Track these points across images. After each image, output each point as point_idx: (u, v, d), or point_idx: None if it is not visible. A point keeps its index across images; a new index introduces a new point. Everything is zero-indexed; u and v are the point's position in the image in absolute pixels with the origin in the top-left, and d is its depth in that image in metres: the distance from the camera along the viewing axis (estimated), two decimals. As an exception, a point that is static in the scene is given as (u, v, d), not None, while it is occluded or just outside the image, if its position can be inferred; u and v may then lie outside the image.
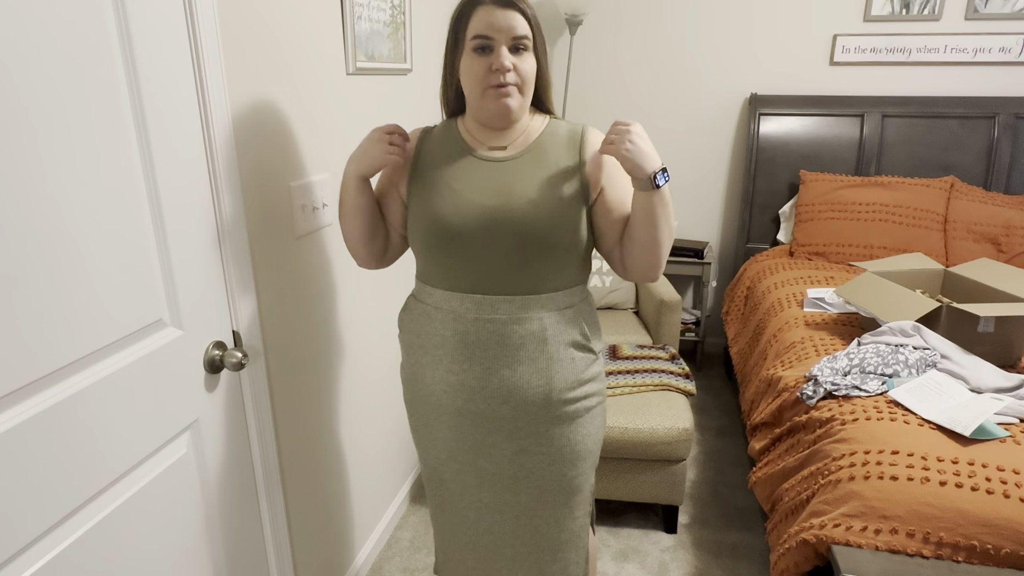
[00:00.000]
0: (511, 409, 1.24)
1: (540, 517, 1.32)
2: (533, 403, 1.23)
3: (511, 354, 1.21)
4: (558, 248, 1.19)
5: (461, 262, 1.20)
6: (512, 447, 1.27)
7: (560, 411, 1.25)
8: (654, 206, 1.16)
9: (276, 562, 1.48)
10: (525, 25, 1.15)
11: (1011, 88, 3.00)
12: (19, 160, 0.83)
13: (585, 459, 1.31)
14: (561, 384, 1.24)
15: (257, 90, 1.32)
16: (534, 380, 1.22)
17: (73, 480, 0.94)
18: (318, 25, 1.53)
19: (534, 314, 1.21)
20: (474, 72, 1.16)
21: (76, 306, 0.92)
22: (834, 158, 3.11)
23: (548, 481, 1.29)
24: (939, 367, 1.71)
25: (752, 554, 2.09)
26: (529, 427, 1.25)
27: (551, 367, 1.23)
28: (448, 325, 1.23)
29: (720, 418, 2.94)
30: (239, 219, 1.26)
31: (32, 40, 0.83)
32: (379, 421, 2.05)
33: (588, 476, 1.34)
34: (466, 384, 1.24)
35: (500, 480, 1.29)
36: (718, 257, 3.50)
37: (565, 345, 1.24)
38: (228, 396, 1.28)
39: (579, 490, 1.33)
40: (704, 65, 3.23)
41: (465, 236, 1.18)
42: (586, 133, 1.25)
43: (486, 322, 1.21)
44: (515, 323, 1.20)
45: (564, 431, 1.27)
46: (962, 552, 1.27)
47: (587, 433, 1.30)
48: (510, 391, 1.23)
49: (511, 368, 1.22)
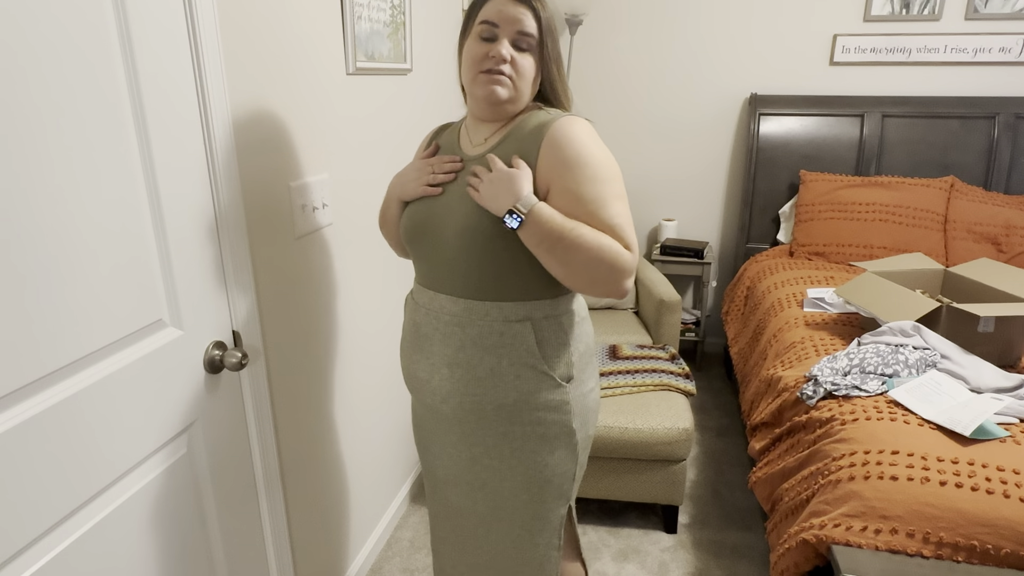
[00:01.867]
0: (451, 410, 1.22)
1: (496, 532, 1.29)
2: (469, 411, 1.20)
3: (451, 355, 1.19)
4: (500, 251, 1.13)
5: (419, 258, 1.24)
6: (467, 453, 1.25)
7: (504, 428, 1.20)
8: (530, 244, 1.09)
9: (276, 562, 1.48)
10: (533, 24, 1.13)
11: (1011, 88, 3.00)
12: (19, 161, 0.83)
13: (544, 487, 1.24)
14: (499, 399, 1.18)
15: (257, 90, 1.32)
16: (471, 387, 1.18)
17: (73, 480, 0.94)
18: (318, 25, 1.53)
19: (477, 320, 1.16)
20: (472, 55, 1.14)
21: (76, 306, 0.92)
22: (834, 158, 3.11)
23: (503, 498, 1.25)
24: (939, 367, 1.71)
25: (752, 554, 2.09)
26: (476, 435, 1.22)
27: (490, 379, 1.17)
28: (411, 315, 1.27)
29: (720, 418, 2.94)
30: (239, 219, 1.26)
31: (32, 39, 0.83)
32: (379, 421, 2.05)
33: (552, 507, 1.27)
34: (418, 375, 1.26)
35: (460, 485, 1.29)
36: (718, 257, 3.50)
37: (510, 360, 1.17)
38: (228, 396, 1.28)
39: (539, 517, 1.26)
40: (704, 65, 3.23)
41: (428, 235, 1.20)
42: (552, 124, 1.12)
43: (433, 316, 1.21)
44: (457, 325, 1.18)
45: (516, 449, 1.21)
46: (962, 552, 1.27)
47: (543, 462, 1.22)
48: (448, 392, 1.21)
49: (450, 368, 1.19)
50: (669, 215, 3.49)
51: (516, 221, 1.08)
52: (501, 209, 1.09)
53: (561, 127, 1.11)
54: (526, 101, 1.19)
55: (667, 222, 3.36)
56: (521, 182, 1.09)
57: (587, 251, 1.07)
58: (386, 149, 1.95)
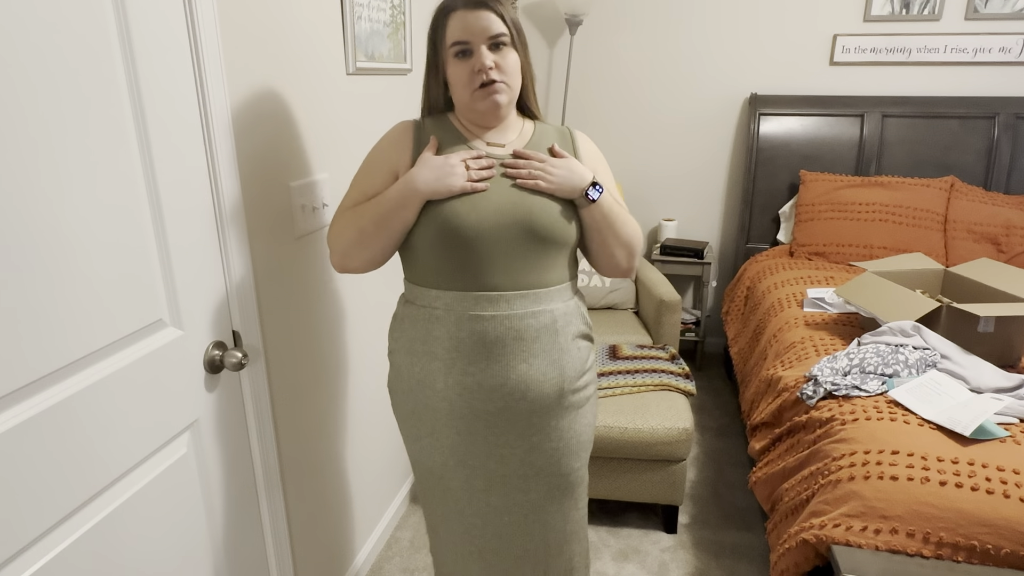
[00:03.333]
0: (529, 404, 1.25)
1: (549, 512, 1.34)
2: (549, 395, 1.26)
3: (527, 348, 1.23)
4: (566, 242, 1.24)
5: (474, 260, 1.18)
6: (524, 445, 1.28)
7: (569, 401, 1.29)
8: (595, 219, 1.24)
9: (276, 562, 1.48)
10: (500, 23, 1.17)
11: (1011, 88, 3.00)
12: (18, 162, 0.83)
13: (586, 448, 1.37)
14: (571, 373, 1.28)
15: (257, 90, 1.32)
16: (550, 372, 1.25)
17: (73, 480, 0.94)
18: (318, 25, 1.53)
19: (546, 307, 1.24)
20: (459, 77, 1.18)
21: (76, 306, 0.92)
22: (834, 158, 3.11)
23: (556, 476, 1.32)
24: (939, 367, 1.71)
25: (752, 554, 2.09)
26: (542, 422, 1.27)
27: (563, 358, 1.27)
28: (463, 326, 1.20)
29: (720, 418, 2.94)
30: (239, 219, 1.26)
31: (31, 41, 0.83)
32: (380, 421, 2.05)
33: (586, 466, 1.41)
34: (483, 384, 1.22)
35: (510, 480, 1.30)
36: (718, 257, 3.50)
37: (572, 335, 1.29)
38: (228, 396, 1.28)
39: (582, 481, 1.38)
40: (704, 65, 3.23)
41: (479, 233, 1.16)
42: (574, 134, 1.34)
43: (504, 318, 1.20)
44: (530, 317, 1.22)
45: (570, 422, 1.31)
46: (962, 552, 1.27)
47: (588, 422, 1.36)
48: (528, 385, 1.24)
49: (528, 362, 1.23)
50: (669, 215, 3.49)
51: (598, 192, 1.22)
52: (579, 186, 1.21)
53: (583, 136, 1.35)
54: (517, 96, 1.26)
55: (667, 222, 3.35)
56: (580, 163, 1.25)
57: (632, 224, 1.28)
58: (386, 149, 1.95)
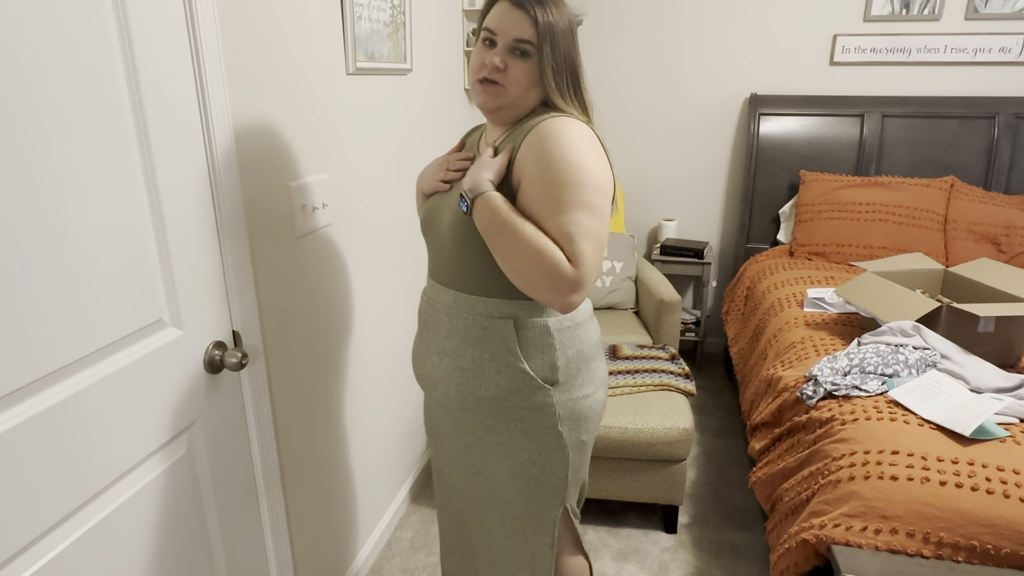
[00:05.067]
0: (440, 397, 1.27)
1: (491, 520, 1.31)
2: (455, 399, 1.24)
3: (440, 343, 1.25)
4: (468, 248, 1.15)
5: (428, 249, 1.30)
6: (461, 440, 1.28)
7: (488, 420, 1.21)
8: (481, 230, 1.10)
9: (276, 562, 1.48)
10: (530, 30, 1.10)
11: (1011, 88, 3.00)
12: (20, 162, 0.83)
13: (534, 486, 1.24)
14: (480, 392, 1.19)
15: (257, 90, 1.32)
16: (455, 376, 1.22)
17: (72, 481, 0.94)
18: (318, 25, 1.53)
19: (463, 311, 1.20)
20: (473, 61, 1.18)
21: (76, 306, 0.92)
22: (834, 158, 3.11)
23: (496, 488, 1.27)
24: (939, 367, 1.71)
25: (752, 554, 2.09)
26: (464, 423, 1.25)
27: (472, 370, 1.19)
28: (421, 304, 1.33)
29: (720, 418, 2.94)
30: (239, 219, 1.26)
31: (32, 41, 0.83)
32: (379, 421, 2.05)
33: (544, 505, 1.27)
34: (417, 358, 1.33)
35: (459, 468, 1.32)
36: (718, 257, 3.50)
37: (491, 356, 1.18)
38: (228, 396, 1.28)
39: (531, 514, 1.27)
40: (704, 65, 3.23)
41: (423, 225, 1.29)
42: (533, 128, 1.10)
43: (430, 305, 1.28)
44: (446, 314, 1.23)
45: (502, 444, 1.22)
46: (962, 552, 1.27)
47: (531, 460, 1.22)
48: (437, 379, 1.27)
49: (439, 356, 1.25)
50: (669, 215, 3.49)
51: (464, 205, 1.11)
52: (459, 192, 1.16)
53: (548, 125, 1.08)
54: (526, 106, 1.16)
55: (667, 222, 3.36)
56: (482, 170, 1.11)
57: (521, 249, 1.03)
58: (386, 149, 1.95)
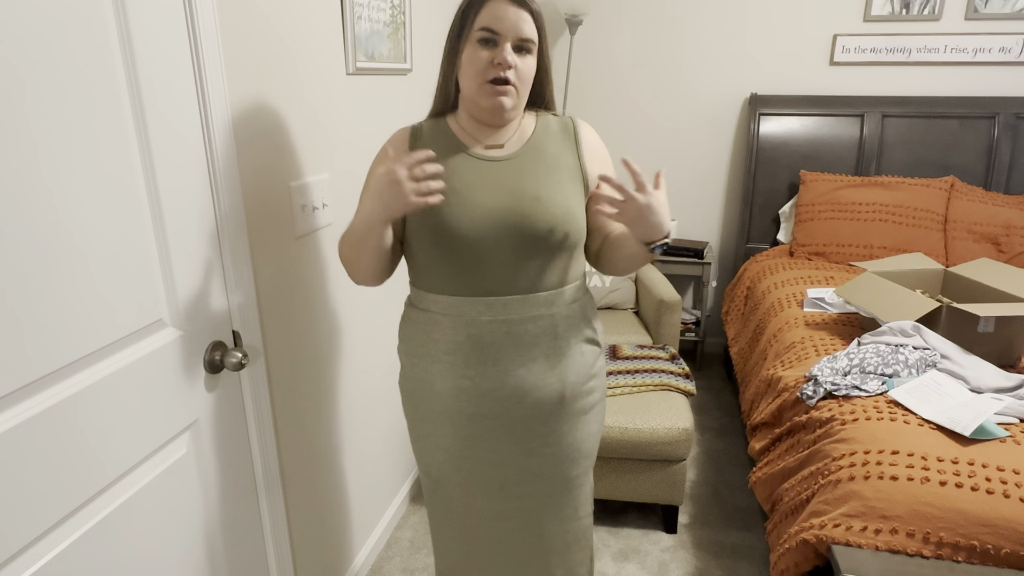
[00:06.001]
0: (526, 409, 1.24)
1: (546, 520, 1.32)
2: (548, 401, 1.24)
3: (525, 352, 1.21)
4: (565, 244, 1.20)
5: (471, 265, 1.17)
6: (519, 450, 1.26)
7: (571, 408, 1.27)
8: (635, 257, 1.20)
9: (276, 562, 1.48)
10: (533, 28, 1.14)
11: (1011, 88, 3.00)
12: (19, 161, 0.82)
13: (588, 456, 1.33)
14: (574, 379, 1.26)
15: (257, 90, 1.32)
16: (548, 377, 1.23)
17: (73, 480, 0.93)
18: (318, 25, 1.53)
19: (544, 311, 1.22)
20: (475, 63, 1.13)
21: (76, 306, 0.92)
22: (834, 158, 3.11)
23: (554, 483, 1.30)
24: (939, 367, 1.71)
25: (752, 554, 2.09)
26: (539, 427, 1.25)
27: (564, 363, 1.24)
28: (460, 330, 1.20)
29: (720, 418, 2.94)
30: (239, 219, 1.26)
31: (31, 40, 0.83)
32: (379, 421, 2.05)
33: (589, 474, 1.36)
34: (480, 387, 1.22)
35: (506, 486, 1.29)
36: (718, 257, 3.50)
37: (576, 340, 1.26)
38: (228, 396, 1.28)
39: (582, 488, 1.35)
40: (704, 65, 3.23)
41: (476, 239, 1.15)
42: (577, 125, 1.27)
43: (500, 323, 1.20)
44: (528, 322, 1.20)
45: (571, 428, 1.28)
46: (962, 552, 1.27)
47: (591, 431, 1.32)
48: (526, 391, 1.23)
49: (526, 367, 1.22)
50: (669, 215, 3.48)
51: (662, 248, 1.17)
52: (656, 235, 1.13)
53: (585, 125, 1.29)
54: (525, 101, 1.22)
55: (667, 222, 3.35)
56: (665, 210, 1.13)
57: None
58: (386, 149, 1.95)
